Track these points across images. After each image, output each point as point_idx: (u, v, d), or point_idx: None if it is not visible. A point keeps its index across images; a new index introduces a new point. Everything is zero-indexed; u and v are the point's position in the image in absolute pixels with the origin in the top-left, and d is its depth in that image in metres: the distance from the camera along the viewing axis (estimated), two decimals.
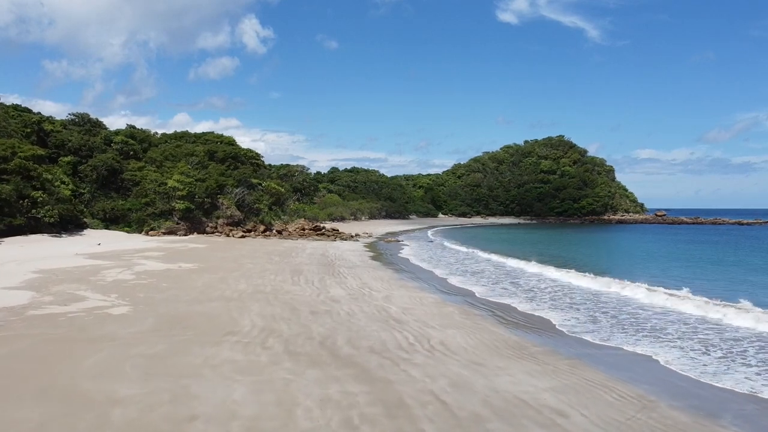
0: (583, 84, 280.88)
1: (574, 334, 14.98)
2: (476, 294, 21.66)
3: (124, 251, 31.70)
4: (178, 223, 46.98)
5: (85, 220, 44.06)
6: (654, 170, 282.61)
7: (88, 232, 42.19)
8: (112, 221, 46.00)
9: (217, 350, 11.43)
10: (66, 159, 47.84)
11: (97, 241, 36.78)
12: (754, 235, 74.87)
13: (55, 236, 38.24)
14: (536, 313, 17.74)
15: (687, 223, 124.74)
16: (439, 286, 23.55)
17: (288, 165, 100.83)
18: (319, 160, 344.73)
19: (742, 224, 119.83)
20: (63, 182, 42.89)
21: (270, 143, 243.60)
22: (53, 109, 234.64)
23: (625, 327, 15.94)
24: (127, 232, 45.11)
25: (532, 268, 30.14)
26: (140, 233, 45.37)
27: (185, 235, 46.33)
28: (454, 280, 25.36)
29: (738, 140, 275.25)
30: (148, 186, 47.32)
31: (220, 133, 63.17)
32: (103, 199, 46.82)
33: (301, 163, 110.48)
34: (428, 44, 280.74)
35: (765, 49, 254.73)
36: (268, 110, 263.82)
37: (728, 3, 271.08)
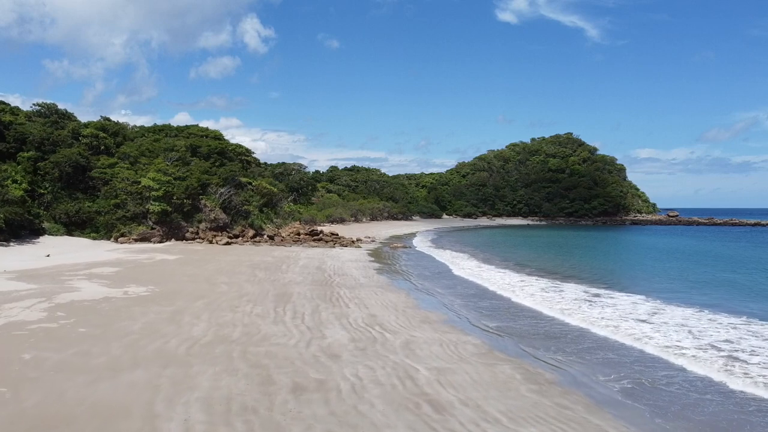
0: (583, 83, 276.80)
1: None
2: (525, 332, 15.55)
3: (72, 266, 25.51)
4: (152, 228, 40.76)
5: (43, 224, 37.83)
6: (654, 170, 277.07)
7: (44, 239, 35.99)
8: (77, 226, 39.75)
9: None
10: (26, 154, 41.57)
11: (47, 252, 30.62)
12: None
13: (1, 245, 32.09)
14: (633, 373, 11.59)
15: (703, 224, 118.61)
16: (472, 318, 17.46)
17: (284, 163, 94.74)
18: (319, 160, 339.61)
19: (762, 225, 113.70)
20: (15, 181, 36.69)
21: (270, 143, 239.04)
22: None
23: None
24: (93, 238, 38.93)
25: (577, 288, 24.06)
26: (109, 239, 39.19)
27: (160, 242, 40.11)
28: (486, 307, 19.19)
29: (737, 140, 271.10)
30: (119, 185, 41.09)
31: (205, 126, 56.88)
32: (66, 200, 40.50)
33: (301, 162, 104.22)
34: (429, 44, 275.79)
35: (765, 49, 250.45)
36: (269, 110, 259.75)
37: (728, 3, 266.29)
